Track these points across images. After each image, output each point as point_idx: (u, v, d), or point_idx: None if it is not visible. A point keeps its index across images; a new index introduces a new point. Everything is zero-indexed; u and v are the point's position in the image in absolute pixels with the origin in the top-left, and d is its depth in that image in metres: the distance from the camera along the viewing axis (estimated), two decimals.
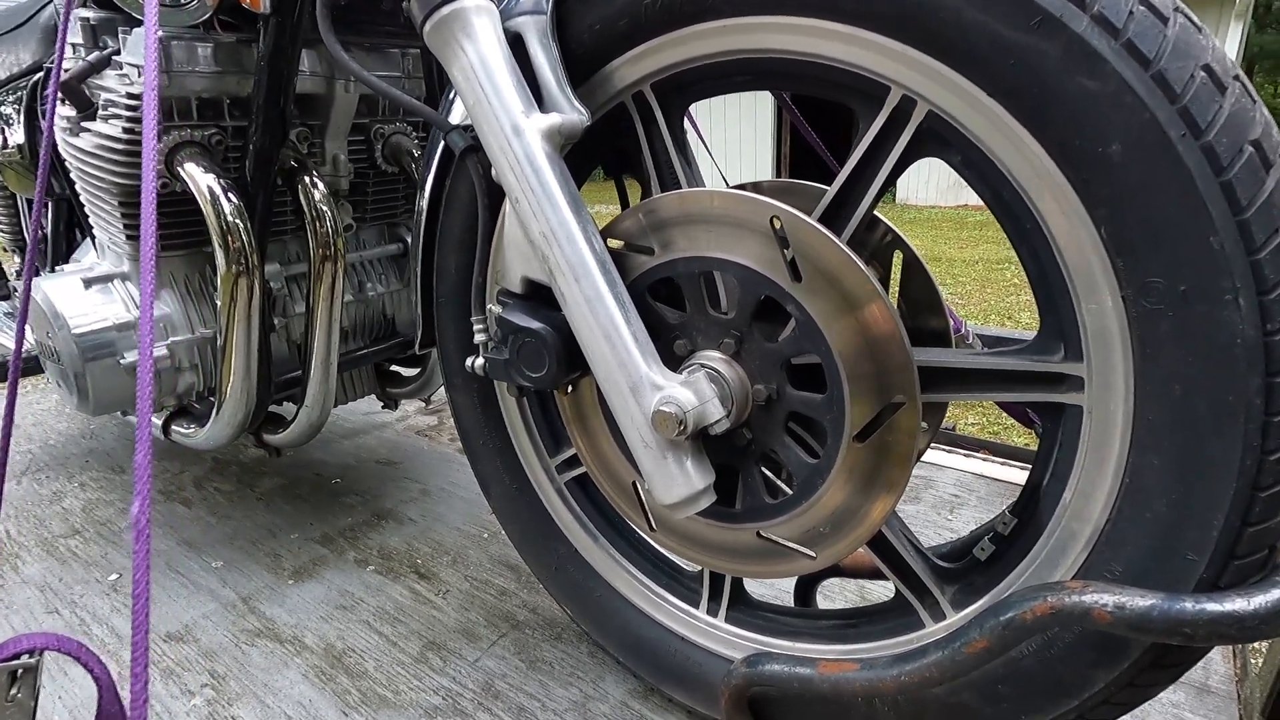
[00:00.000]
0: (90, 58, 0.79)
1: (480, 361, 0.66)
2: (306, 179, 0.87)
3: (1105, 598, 0.43)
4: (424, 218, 0.72)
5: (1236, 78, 0.41)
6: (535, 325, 0.61)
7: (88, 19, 0.81)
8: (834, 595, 0.95)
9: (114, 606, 0.98)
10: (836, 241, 0.52)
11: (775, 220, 0.54)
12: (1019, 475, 1.23)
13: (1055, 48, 0.42)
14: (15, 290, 1.38)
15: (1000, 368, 0.53)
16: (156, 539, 1.15)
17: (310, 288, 0.91)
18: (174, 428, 1.00)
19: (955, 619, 0.58)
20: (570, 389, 0.69)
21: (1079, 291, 0.47)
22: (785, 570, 0.63)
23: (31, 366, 1.12)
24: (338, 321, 0.93)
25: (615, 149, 0.70)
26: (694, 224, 0.58)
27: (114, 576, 1.05)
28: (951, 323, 1.01)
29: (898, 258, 0.68)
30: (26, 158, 1.08)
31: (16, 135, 1.08)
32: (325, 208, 0.88)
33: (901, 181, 8.33)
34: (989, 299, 4.11)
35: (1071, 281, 0.47)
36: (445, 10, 0.57)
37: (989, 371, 0.53)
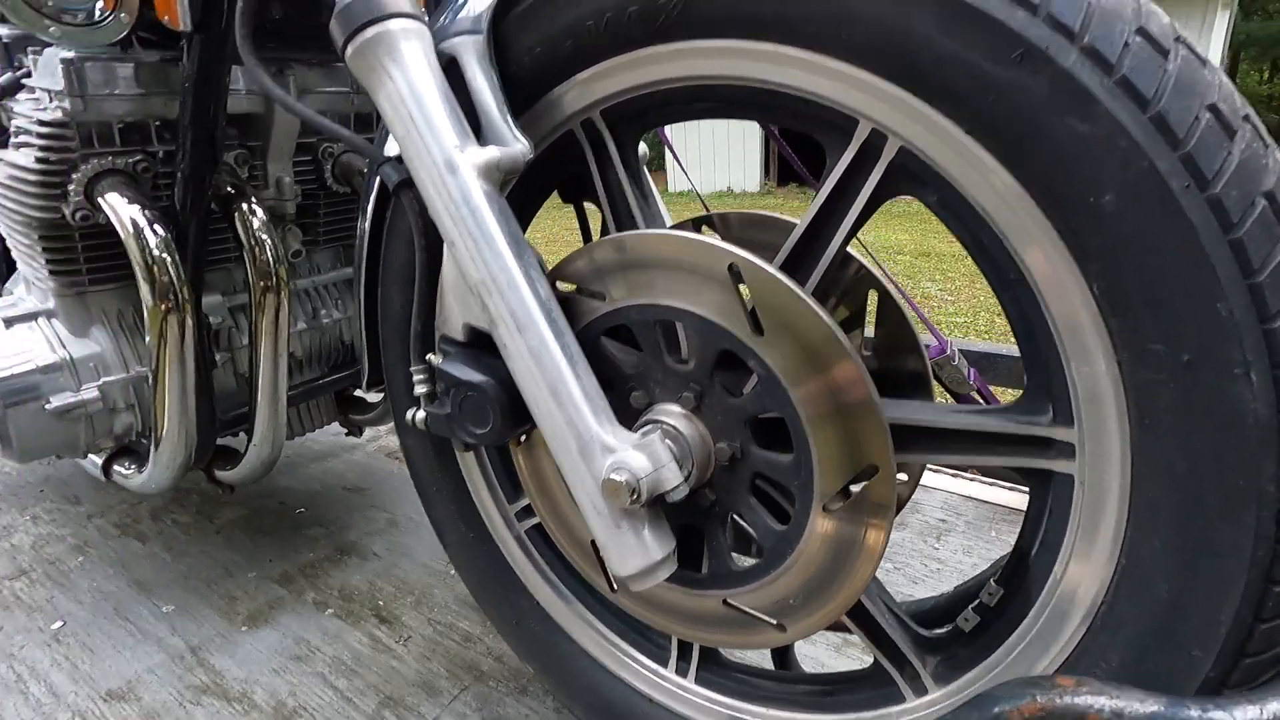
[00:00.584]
0: (1, 80, 0.73)
1: (421, 415, 0.61)
2: (244, 205, 0.81)
3: (1102, 700, 0.38)
4: (365, 251, 0.66)
5: (1247, 118, 0.36)
6: (478, 378, 0.56)
7: (0, 36, 0.75)
8: (815, 641, 0.90)
9: (54, 660, 0.92)
10: (799, 292, 0.47)
11: (734, 267, 0.48)
12: (1010, 498, 1.18)
13: (1040, 84, 0.37)
14: None
15: (983, 429, 0.48)
16: (106, 580, 1.09)
17: (252, 320, 0.85)
18: (115, 468, 0.94)
19: (937, 694, 0.54)
20: (523, 439, 0.63)
21: (1069, 352, 0.42)
22: (754, 642, 0.58)
23: None
24: (284, 354, 0.88)
25: (569, 175, 0.65)
26: (648, 269, 0.52)
27: (57, 624, 0.99)
28: (936, 344, 0.96)
29: (873, 295, 0.63)
30: None
31: None
32: (265, 235, 0.82)
33: None
34: (979, 295, 4.08)
35: (1061, 341, 0.42)
36: (369, 33, 0.51)
37: (970, 433, 0.48)
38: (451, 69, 0.55)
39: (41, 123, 0.70)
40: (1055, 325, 0.42)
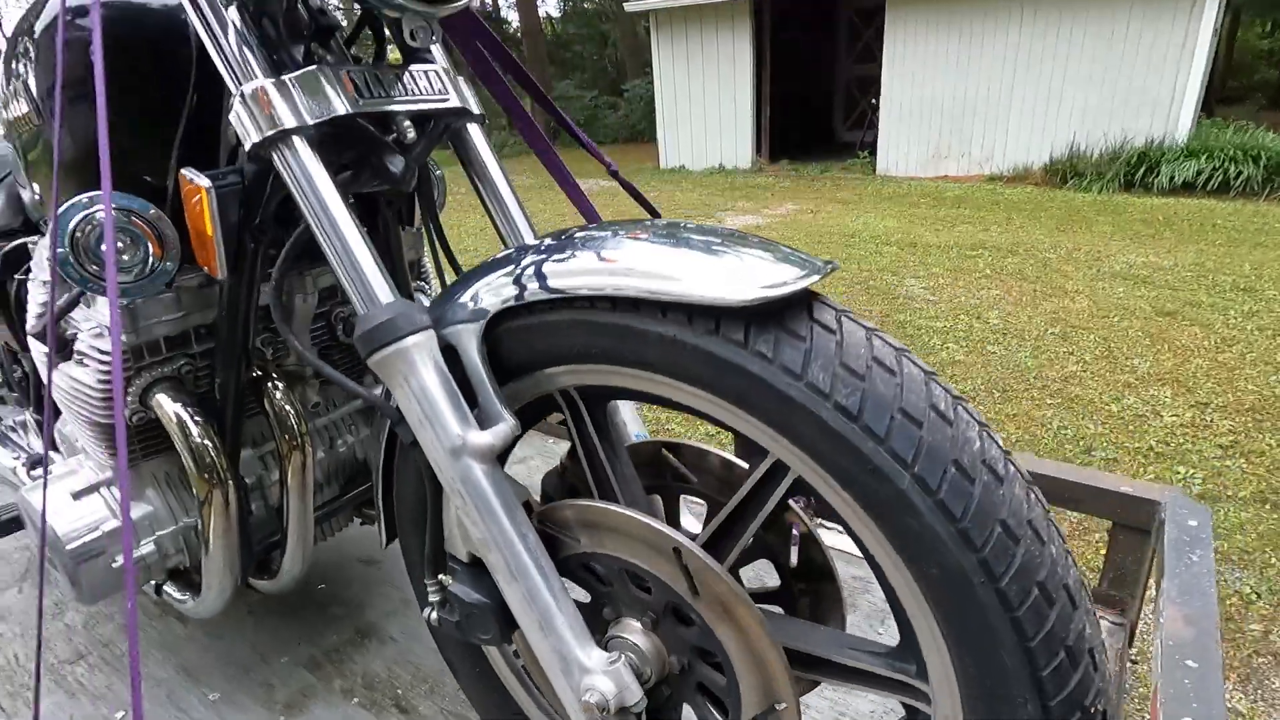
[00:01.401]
0: (62, 300, 0.85)
1: (435, 616, 0.75)
2: (269, 384, 0.94)
3: None
4: (381, 470, 0.79)
5: (1030, 523, 0.49)
6: (481, 601, 0.70)
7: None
8: None
9: None
10: (722, 573, 0.61)
11: (677, 549, 0.62)
12: None
13: (887, 490, 0.50)
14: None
15: (870, 669, 0.62)
16: (156, 665, 1.24)
17: (281, 475, 0.98)
18: (167, 591, 1.09)
19: None
20: None
21: (921, 640, 0.56)
22: None
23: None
24: (310, 495, 1.01)
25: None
26: (614, 533, 0.66)
27: (120, 715, 1.15)
28: None
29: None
30: None
31: None
32: (288, 406, 0.95)
33: (880, 154, 8.29)
34: (959, 294, 4.19)
35: (917, 629, 0.56)
36: (386, 351, 0.64)
37: (859, 671, 0.63)
38: (451, 354, 0.68)
39: (100, 350, 0.83)
40: (911, 624, 0.56)
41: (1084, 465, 2.37)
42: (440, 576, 0.74)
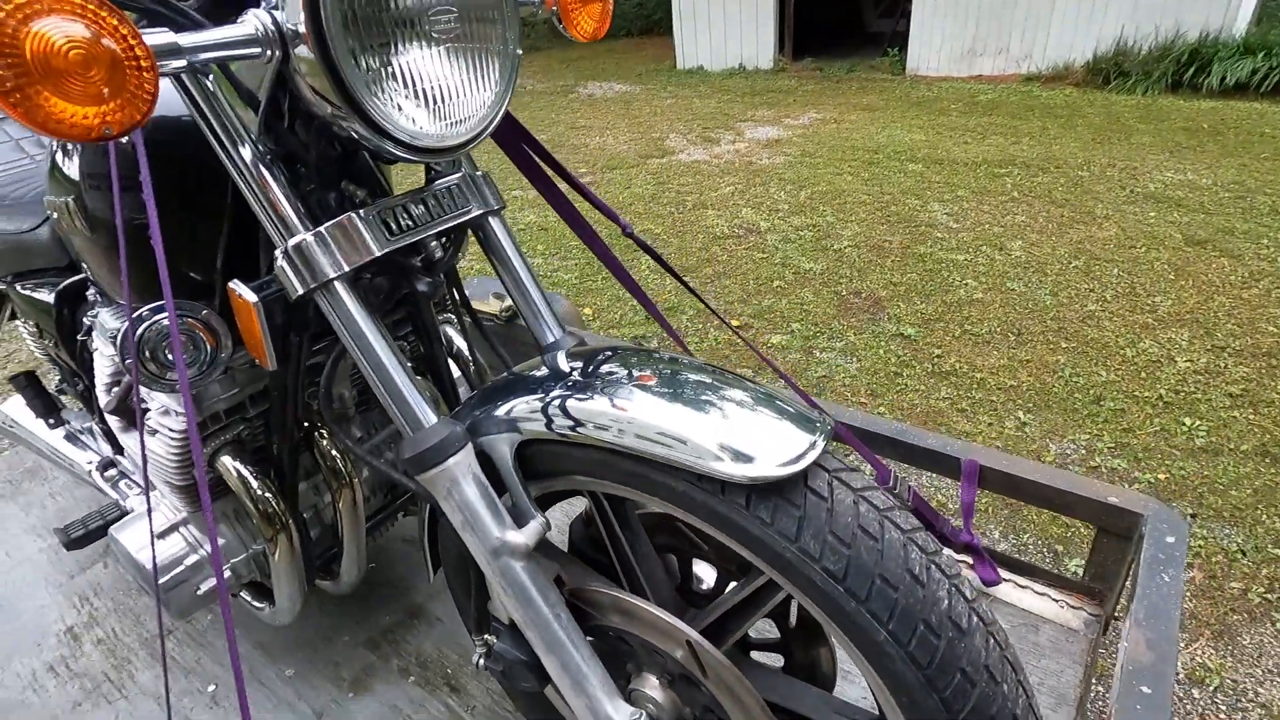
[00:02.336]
0: (126, 379, 0.93)
1: (482, 663, 0.87)
2: (315, 434, 1.04)
3: None
4: (425, 541, 0.89)
5: (986, 667, 0.58)
6: (522, 658, 0.82)
7: None
8: None
9: None
10: (726, 664, 0.71)
11: (689, 642, 0.72)
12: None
13: (865, 638, 0.58)
14: (67, 419, 1.56)
15: None
16: (238, 641, 1.42)
17: (334, 506, 1.10)
18: (243, 597, 1.24)
19: None
20: None
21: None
22: None
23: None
24: (362, 521, 1.13)
25: None
26: (637, 620, 0.76)
27: (212, 688, 1.34)
28: (879, 473, 1.21)
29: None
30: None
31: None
32: (334, 452, 1.05)
33: (911, 50, 7.80)
34: (984, 220, 4.10)
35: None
36: (431, 473, 0.72)
37: None
38: (485, 456, 0.76)
39: (168, 427, 0.92)
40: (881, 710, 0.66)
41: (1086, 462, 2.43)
42: (485, 636, 0.85)
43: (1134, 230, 3.82)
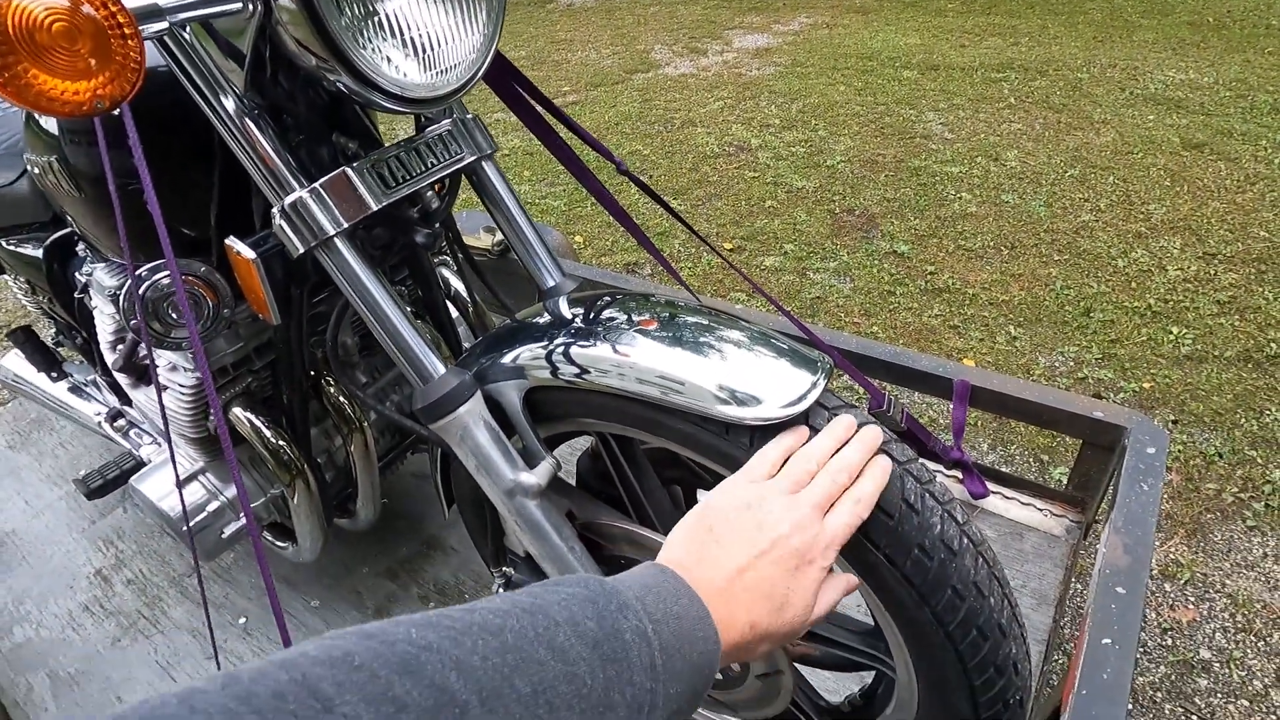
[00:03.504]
0: (130, 338, 0.94)
1: (502, 592, 0.92)
2: (322, 382, 1.06)
3: None
4: (439, 481, 0.93)
5: (975, 584, 0.62)
6: None
7: None
8: None
9: (253, 651, 1.35)
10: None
11: None
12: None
13: (862, 561, 0.62)
14: (69, 371, 1.57)
15: (851, 644, 0.79)
16: (258, 576, 1.49)
17: (347, 451, 1.13)
18: (267, 536, 1.29)
19: None
20: None
21: (889, 641, 0.72)
22: None
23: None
24: (375, 462, 1.17)
25: None
26: (646, 550, 0.81)
27: (242, 620, 1.41)
28: (873, 398, 1.25)
29: None
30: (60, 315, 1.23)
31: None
32: (342, 398, 1.07)
33: None
34: (979, 129, 4.02)
35: (886, 635, 0.72)
36: (443, 421, 0.74)
37: (842, 644, 0.80)
38: (494, 401, 0.78)
39: (178, 383, 0.93)
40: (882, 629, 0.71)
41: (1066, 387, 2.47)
42: (504, 568, 0.90)
43: (1132, 135, 3.75)
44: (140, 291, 0.79)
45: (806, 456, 0.57)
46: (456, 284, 1.19)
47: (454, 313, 1.19)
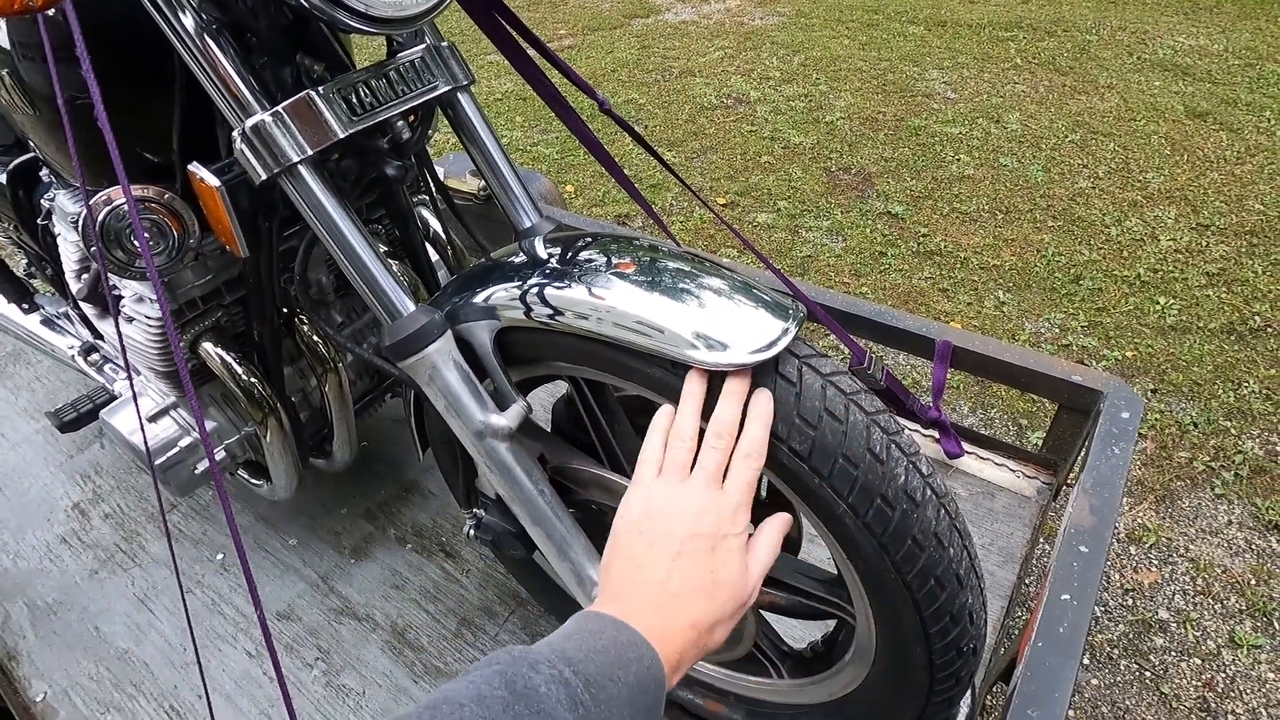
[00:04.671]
0: (95, 267, 0.91)
1: (473, 533, 0.93)
2: (295, 320, 1.04)
3: None
4: (412, 419, 0.92)
5: (935, 534, 0.63)
6: (509, 529, 0.87)
7: None
8: None
9: (230, 586, 1.36)
10: None
11: None
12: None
13: (825, 510, 0.62)
14: (41, 304, 1.54)
15: (808, 589, 0.80)
16: (236, 514, 1.50)
17: (321, 392, 1.12)
18: (241, 474, 1.28)
19: (787, 680, 0.94)
20: None
21: (850, 588, 0.73)
22: None
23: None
24: (350, 403, 1.16)
25: None
26: (615, 494, 0.81)
27: (220, 555, 1.42)
28: (855, 356, 1.25)
29: None
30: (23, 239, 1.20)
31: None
32: (316, 338, 1.06)
33: None
34: (983, 89, 3.94)
35: (847, 582, 0.73)
36: (412, 359, 0.73)
37: (805, 592, 0.81)
38: (465, 343, 0.76)
39: (144, 315, 0.91)
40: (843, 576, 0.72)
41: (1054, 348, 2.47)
42: (475, 510, 0.90)
43: (1136, 101, 3.69)
44: (100, 218, 0.77)
45: (679, 435, 0.58)
46: (436, 226, 1.17)
47: (434, 256, 1.17)
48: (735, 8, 5.34)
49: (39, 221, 1.08)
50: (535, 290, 0.69)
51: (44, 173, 1.06)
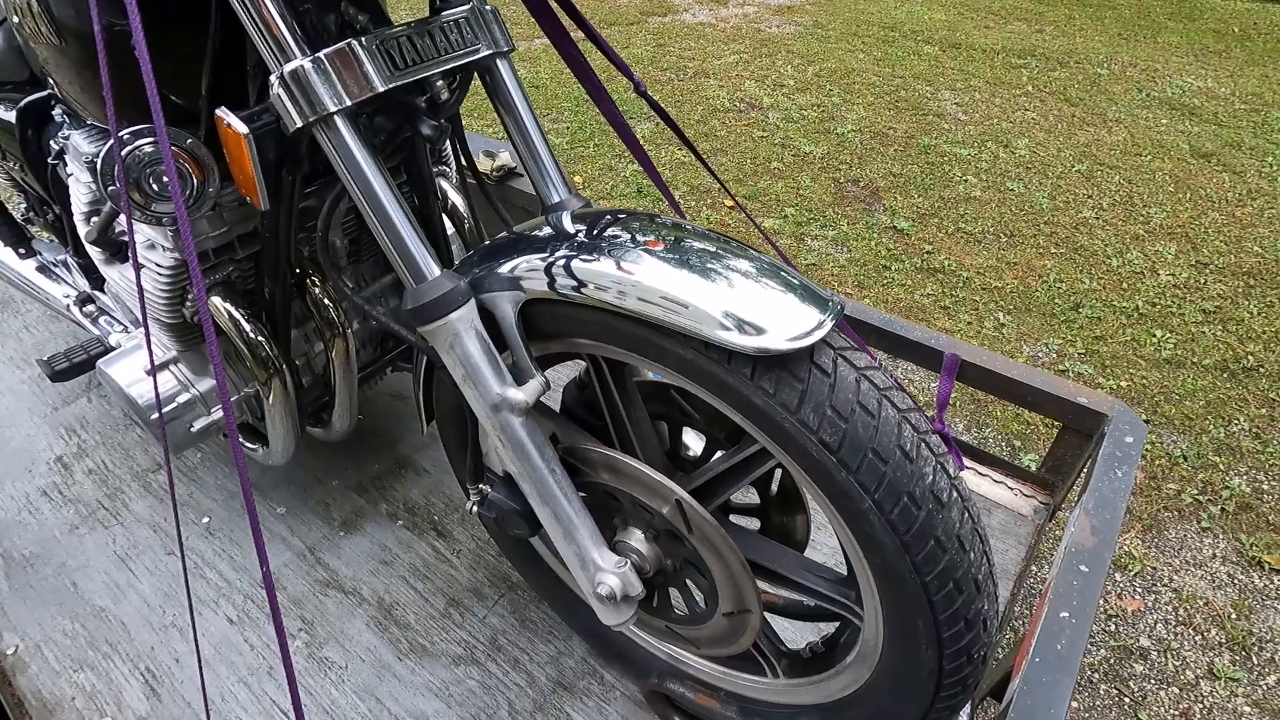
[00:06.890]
0: (107, 209, 0.89)
1: (476, 510, 0.91)
2: (307, 281, 1.02)
3: None
4: (420, 393, 0.90)
5: (958, 537, 0.62)
6: (515, 507, 0.86)
7: None
8: None
9: (215, 551, 1.33)
10: (713, 523, 0.75)
11: (678, 500, 0.76)
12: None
13: (850, 506, 0.62)
14: (38, 250, 1.50)
15: (816, 588, 0.80)
16: (226, 478, 1.47)
17: (326, 354, 1.10)
18: (239, 439, 1.25)
19: (783, 680, 0.93)
20: None
21: (861, 588, 0.72)
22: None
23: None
24: (354, 371, 1.14)
25: None
26: (627, 478, 0.79)
27: (206, 519, 1.39)
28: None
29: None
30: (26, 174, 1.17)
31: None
32: (327, 301, 1.04)
33: None
34: (993, 114, 3.96)
35: (860, 582, 0.72)
36: (432, 326, 0.71)
37: (811, 590, 0.80)
38: (487, 313, 0.75)
39: (155, 262, 0.89)
40: (855, 575, 0.71)
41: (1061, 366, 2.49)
42: (480, 485, 0.89)
43: (1143, 137, 3.72)
44: (122, 155, 0.74)
45: None
46: (455, 198, 1.15)
47: (450, 228, 1.15)
48: (753, 14, 5.35)
49: (49, 161, 1.05)
50: (561, 262, 0.68)
51: (57, 111, 1.04)
